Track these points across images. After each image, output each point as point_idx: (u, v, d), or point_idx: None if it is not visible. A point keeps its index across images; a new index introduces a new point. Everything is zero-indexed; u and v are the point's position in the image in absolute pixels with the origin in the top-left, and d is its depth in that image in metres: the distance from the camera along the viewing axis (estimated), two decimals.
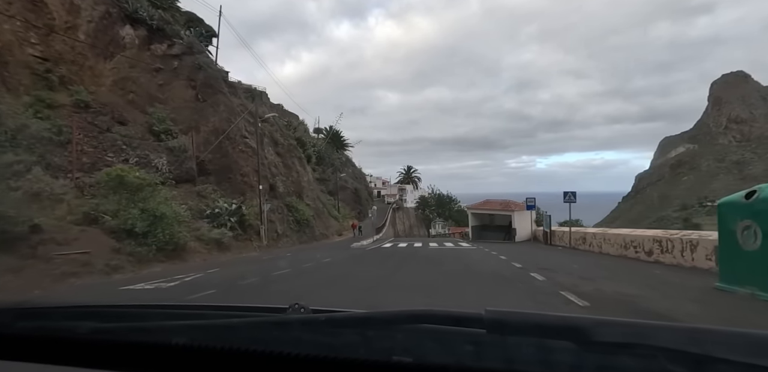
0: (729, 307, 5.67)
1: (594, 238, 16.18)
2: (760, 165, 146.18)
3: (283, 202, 26.01)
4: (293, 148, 32.01)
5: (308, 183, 33.07)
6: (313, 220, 30.29)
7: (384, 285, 8.32)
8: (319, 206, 34.19)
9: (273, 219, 23.22)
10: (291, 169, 30.15)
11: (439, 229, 58.40)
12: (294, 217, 26.35)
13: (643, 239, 12.51)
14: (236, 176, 21.82)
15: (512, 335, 0.68)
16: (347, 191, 48.66)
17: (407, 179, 76.84)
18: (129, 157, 18.67)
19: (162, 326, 0.89)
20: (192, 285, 8.87)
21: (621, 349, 0.63)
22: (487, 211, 27.42)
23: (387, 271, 11.02)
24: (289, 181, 29.19)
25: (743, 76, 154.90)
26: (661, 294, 6.73)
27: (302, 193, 30.22)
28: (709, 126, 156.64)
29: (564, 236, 19.75)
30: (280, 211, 25.06)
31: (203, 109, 23.42)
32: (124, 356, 0.84)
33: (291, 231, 25.29)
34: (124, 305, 1.20)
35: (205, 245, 16.06)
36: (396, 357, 0.70)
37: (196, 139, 22.33)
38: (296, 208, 26.83)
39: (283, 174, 28.54)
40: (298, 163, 31.59)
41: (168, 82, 23.95)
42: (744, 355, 0.58)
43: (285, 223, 24.70)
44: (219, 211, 18.41)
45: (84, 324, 0.89)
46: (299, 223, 26.60)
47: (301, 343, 0.76)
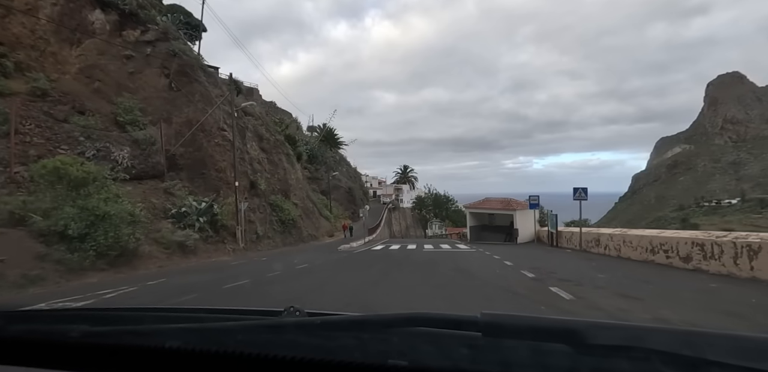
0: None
1: (611, 239, 13.94)
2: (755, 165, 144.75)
3: (266, 200, 23.72)
4: (280, 144, 29.74)
5: (297, 181, 30.80)
6: (301, 220, 27.99)
7: (357, 304, 6.08)
8: (308, 206, 31.90)
9: (253, 219, 20.93)
10: (277, 166, 27.86)
11: (435, 229, 56.07)
12: (278, 217, 24.05)
13: (676, 242, 10.26)
14: (211, 172, 19.52)
15: (508, 338, 0.67)
16: (341, 190, 46.39)
17: (404, 179, 74.52)
18: (86, 150, 16.38)
19: (156, 329, 0.86)
20: (105, 305, 6.60)
21: (616, 352, 0.62)
22: (486, 211, 25.20)
23: (367, 282, 8.75)
24: (274, 178, 26.90)
25: (739, 76, 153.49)
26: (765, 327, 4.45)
27: (289, 192, 27.93)
28: (705, 126, 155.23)
29: (573, 238, 17.50)
30: (263, 210, 22.76)
31: (176, 98, 21.13)
32: (117, 360, 0.81)
33: (274, 232, 22.99)
34: (117, 308, 1.28)
35: (164, 249, 13.75)
36: (391, 360, 0.68)
37: (168, 131, 20.04)
38: (281, 208, 24.53)
39: (268, 171, 26.25)
40: (285, 160, 29.31)
41: (139, 69, 21.65)
42: (737, 358, 0.58)
43: (267, 224, 22.40)
44: (186, 210, 16.10)
45: (76, 327, 0.86)
46: (284, 224, 24.30)
47: (296, 347, 0.74)
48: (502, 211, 23.68)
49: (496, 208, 23.97)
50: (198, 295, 7.22)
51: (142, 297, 7.57)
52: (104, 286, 8.88)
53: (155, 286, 8.95)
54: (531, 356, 0.65)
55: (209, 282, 9.26)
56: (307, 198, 32.44)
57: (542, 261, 12.44)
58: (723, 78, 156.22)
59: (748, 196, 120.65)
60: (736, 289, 6.88)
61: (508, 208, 23.14)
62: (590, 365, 0.62)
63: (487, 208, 24.79)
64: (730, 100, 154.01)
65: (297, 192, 29.67)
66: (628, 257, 12.61)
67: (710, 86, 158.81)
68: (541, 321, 0.70)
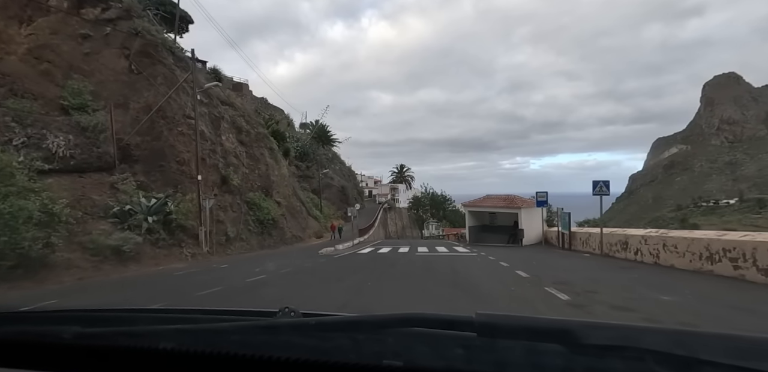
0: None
1: (643, 242, 11.11)
2: (752, 166, 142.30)
3: (241, 198, 20.84)
4: (263, 138, 26.88)
5: (282, 178, 27.94)
6: (284, 220, 25.11)
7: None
8: (294, 204, 29.03)
9: (223, 218, 18.06)
10: (258, 160, 24.99)
11: (432, 230, 53.16)
12: (256, 216, 21.18)
13: (752, 248, 7.44)
14: (171, 164, 16.64)
15: (503, 338, 0.66)
16: (333, 189, 43.53)
17: (400, 178, 71.61)
18: (14, 137, 13.53)
19: (150, 331, 0.84)
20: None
21: (609, 352, 0.61)
22: (487, 209, 22.39)
23: (331, 306, 5.90)
24: (254, 174, 24.03)
25: (735, 77, 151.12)
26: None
27: (271, 189, 25.05)
28: (702, 127, 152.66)
29: (591, 240, 14.68)
30: (237, 208, 19.89)
31: (137, 82, 18.27)
32: (110, 361, 0.80)
33: (250, 233, 20.11)
34: (110, 309, 1.16)
35: (91, 256, 10.86)
36: (386, 361, 0.67)
37: (124, 117, 17.18)
38: (259, 206, 21.65)
39: (247, 165, 23.37)
40: (268, 155, 26.44)
41: (96, 50, 18.79)
42: (729, 358, 0.57)
43: (241, 224, 19.52)
44: (132, 208, 13.23)
45: (69, 328, 0.84)
46: (262, 224, 21.42)
47: (291, 347, 0.73)
48: (505, 209, 20.83)
49: (499, 207, 21.12)
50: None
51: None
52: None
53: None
54: (525, 356, 0.64)
55: (109, 304, 6.39)
56: (293, 196, 29.57)
57: (565, 271, 9.61)
58: (719, 79, 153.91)
59: (746, 196, 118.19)
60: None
61: (512, 206, 20.31)
62: (584, 365, 0.62)
63: (487, 207, 21.97)
64: (726, 100, 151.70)
65: (281, 189, 26.81)
66: (671, 265, 9.77)
67: (707, 87, 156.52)
68: (535, 321, 0.70)
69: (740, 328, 4.30)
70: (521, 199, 21.09)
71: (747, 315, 4.97)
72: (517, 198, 21.11)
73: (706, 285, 7.34)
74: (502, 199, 21.39)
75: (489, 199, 22.11)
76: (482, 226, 23.39)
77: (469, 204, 22.90)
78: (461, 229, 36.43)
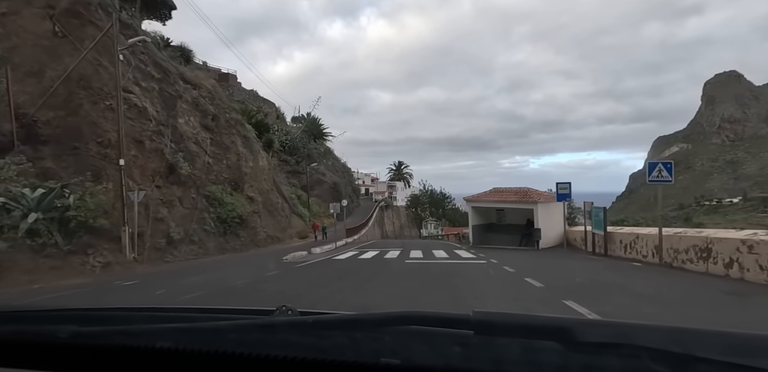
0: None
1: (747, 251, 7.04)
2: (753, 164, 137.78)
3: (198, 191, 16.84)
4: (236, 125, 22.85)
5: (258, 170, 23.91)
6: (257, 218, 21.09)
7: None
8: (274, 201, 25.00)
9: (165, 216, 14.05)
10: (228, 149, 20.98)
11: (431, 229, 49.04)
12: (216, 213, 17.17)
13: None
14: (90, 146, 12.58)
15: (500, 336, 0.65)
16: (324, 186, 39.49)
17: (398, 176, 67.45)
18: None
19: (146, 329, 0.82)
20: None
21: (606, 349, 0.60)
22: (494, 205, 18.25)
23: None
24: (221, 164, 20.03)
25: (736, 75, 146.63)
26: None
27: (242, 182, 21.03)
28: (703, 125, 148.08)
29: (640, 244, 10.63)
30: (189, 203, 15.89)
31: (59, 46, 14.29)
32: (107, 361, 0.77)
33: (206, 234, 16.09)
34: (106, 308, 1.13)
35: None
36: (384, 359, 0.66)
37: (37, 87, 13.21)
38: (222, 201, 17.65)
39: (211, 154, 19.37)
40: (241, 144, 22.42)
41: (14, 10, 14.81)
42: (724, 355, 0.57)
43: (194, 223, 15.51)
44: (6, 202, 9.22)
45: (65, 327, 0.82)
46: (225, 223, 17.41)
47: (288, 346, 0.71)
48: (517, 204, 16.75)
49: (509, 201, 17.02)
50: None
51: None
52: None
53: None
54: (522, 354, 0.63)
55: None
56: (272, 191, 25.54)
57: (654, 303, 5.51)
58: (720, 77, 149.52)
59: (750, 195, 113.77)
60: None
61: (526, 200, 16.23)
62: (581, 362, 0.61)
63: (495, 202, 17.89)
64: (727, 99, 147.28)
65: (256, 183, 22.77)
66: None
67: (707, 85, 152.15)
68: (532, 319, 0.69)
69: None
70: (537, 192, 17.01)
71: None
72: (532, 191, 17.02)
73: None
74: (514, 192, 17.29)
75: (497, 193, 18.00)
76: (488, 224, 19.31)
77: (472, 199, 18.80)
78: (463, 229, 32.34)
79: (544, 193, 16.81)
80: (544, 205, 15.97)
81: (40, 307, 1.04)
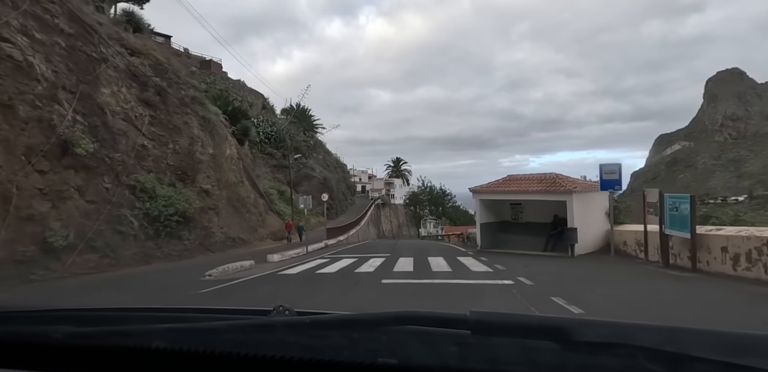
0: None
1: None
2: (756, 162, 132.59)
3: (118, 180, 12.32)
4: (193, 103, 18.33)
5: (222, 159, 19.36)
6: (213, 216, 16.58)
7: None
8: (243, 196, 20.47)
9: (39, 213, 9.50)
10: (177, 132, 16.46)
11: (430, 228, 44.36)
12: (144, 209, 12.65)
13: None
14: None
15: (497, 336, 0.64)
16: (313, 181, 34.96)
17: (396, 173, 62.78)
18: None
19: (142, 330, 0.80)
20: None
21: (602, 349, 0.59)
22: (511, 196, 13.55)
23: None
24: (165, 149, 15.53)
25: (738, 73, 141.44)
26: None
27: (195, 172, 16.51)
28: (705, 123, 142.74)
29: (766, 253, 6.01)
30: (97, 195, 11.36)
31: None
32: (102, 361, 0.75)
33: (123, 237, 11.55)
34: (102, 308, 1.09)
35: None
36: (381, 359, 0.64)
37: None
38: (154, 194, 13.13)
39: (149, 135, 14.87)
40: (198, 127, 17.89)
41: None
42: (719, 354, 0.56)
43: (103, 222, 10.98)
44: None
45: (60, 328, 0.80)
46: (158, 222, 12.88)
47: (285, 346, 0.69)
48: (542, 195, 12.09)
49: (531, 191, 12.32)
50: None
51: None
52: None
53: None
54: (519, 353, 0.62)
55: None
56: (242, 185, 20.99)
57: None
58: (722, 74, 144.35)
59: (755, 193, 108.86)
60: None
61: (556, 189, 11.56)
62: (577, 362, 0.60)
63: (511, 193, 13.23)
64: (729, 96, 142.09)
65: (218, 174, 18.24)
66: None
67: (709, 83, 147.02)
68: (529, 319, 0.67)
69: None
70: (569, 179, 12.36)
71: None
72: (562, 177, 12.36)
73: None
74: (537, 179, 12.62)
75: (513, 182, 13.31)
76: (501, 223, 14.68)
77: (480, 189, 14.12)
78: (467, 227, 27.66)
79: (578, 181, 12.23)
80: (581, 197, 11.37)
81: (35, 307, 0.99)
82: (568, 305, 4.80)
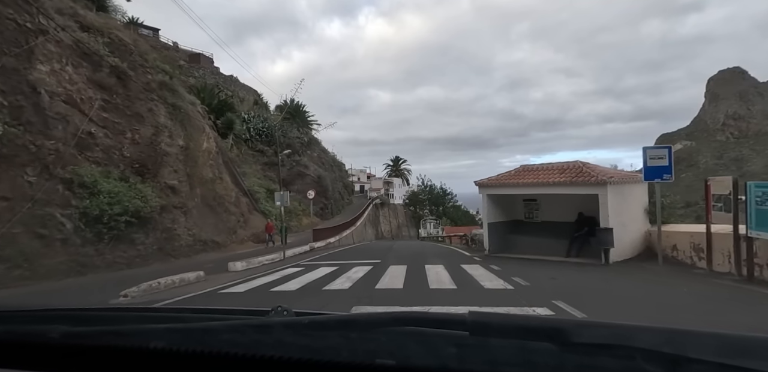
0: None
1: None
2: (759, 161, 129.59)
3: (48, 172, 9.97)
4: (161, 89, 15.97)
5: (196, 153, 17.00)
6: (180, 216, 14.22)
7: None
8: (220, 194, 18.10)
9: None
10: (139, 120, 14.13)
11: (431, 229, 41.85)
12: (82, 208, 10.28)
13: None
14: None
15: (495, 337, 0.63)
16: (306, 179, 32.56)
17: (395, 172, 60.28)
18: None
19: (139, 330, 0.78)
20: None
21: (600, 350, 0.59)
22: (526, 191, 11.06)
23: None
24: (124, 139, 13.23)
25: (740, 72, 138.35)
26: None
27: (159, 165, 14.16)
28: (706, 123, 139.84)
29: None
30: (11, 191, 9.00)
31: None
32: (98, 361, 0.73)
33: (44, 242, 9.18)
34: (98, 308, 1.07)
35: None
36: (379, 360, 0.63)
37: None
38: (95, 190, 10.77)
39: (100, 121, 12.55)
40: (165, 115, 15.53)
41: None
42: (717, 356, 0.56)
43: (14, 224, 8.61)
44: None
45: (56, 327, 0.77)
46: (101, 223, 10.51)
47: (283, 346, 0.67)
48: (566, 188, 9.57)
49: (552, 184, 9.79)
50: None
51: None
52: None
53: None
54: (517, 355, 0.61)
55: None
56: (220, 181, 18.61)
57: None
58: (724, 73, 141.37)
59: None
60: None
61: (584, 180, 9.04)
62: (575, 363, 0.59)
63: (527, 185, 10.71)
64: (731, 95, 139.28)
65: (190, 169, 15.88)
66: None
67: (711, 82, 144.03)
68: (527, 320, 0.66)
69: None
70: (598, 167, 9.91)
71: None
72: (590, 166, 9.86)
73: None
74: (558, 169, 10.14)
75: (529, 173, 10.80)
76: (512, 222, 12.24)
77: (489, 183, 11.59)
78: (471, 228, 25.21)
79: (610, 170, 9.80)
80: (617, 189, 8.95)
81: (30, 306, 0.97)
82: None
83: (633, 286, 6.64)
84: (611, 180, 8.71)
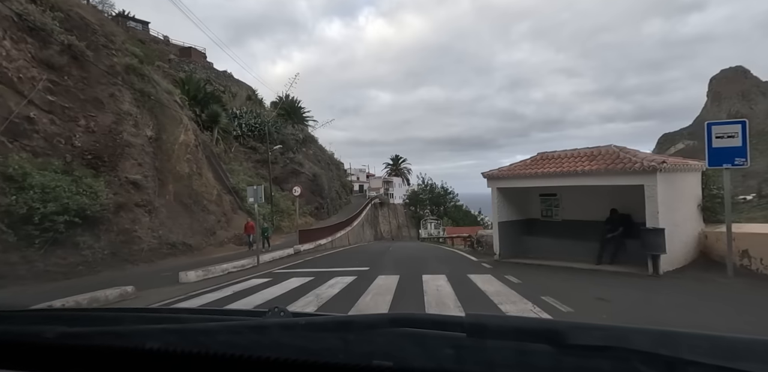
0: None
1: None
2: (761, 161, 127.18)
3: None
4: (127, 73, 14.03)
5: (170, 145, 15.04)
6: (144, 215, 12.25)
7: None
8: (197, 191, 16.14)
9: None
10: (97, 105, 12.20)
11: (431, 229, 39.86)
12: (6, 206, 8.31)
13: None
14: None
15: (492, 339, 0.62)
16: (301, 177, 30.59)
17: (395, 171, 58.27)
18: None
19: (135, 330, 0.77)
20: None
21: (596, 352, 0.58)
22: (545, 183, 8.47)
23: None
24: (78, 126, 11.30)
25: (743, 71, 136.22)
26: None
27: (119, 158, 12.21)
28: None
29: None
30: None
31: None
32: (95, 362, 0.72)
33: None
34: (94, 309, 1.07)
35: None
36: (376, 361, 0.62)
37: None
38: (27, 185, 8.80)
39: (46, 106, 10.63)
40: (130, 102, 13.58)
41: None
42: (712, 358, 0.55)
43: None
44: None
45: (52, 328, 0.76)
46: (31, 224, 8.54)
47: (280, 348, 0.66)
48: (599, 179, 7.55)
49: (581, 174, 7.76)
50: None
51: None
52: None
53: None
54: (514, 356, 0.60)
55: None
56: (199, 177, 16.64)
57: None
58: (726, 73, 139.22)
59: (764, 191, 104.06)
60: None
61: (624, 168, 7.04)
62: (571, 364, 0.58)
63: (548, 176, 8.67)
64: (734, 94, 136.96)
65: (154, 162, 13.91)
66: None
67: (713, 81, 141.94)
68: (524, 322, 0.66)
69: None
70: (639, 152, 7.90)
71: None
72: (628, 151, 7.81)
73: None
74: (587, 156, 8.04)
75: (550, 161, 8.68)
76: (527, 221, 10.23)
77: (500, 174, 9.49)
78: (475, 228, 23.16)
79: (656, 157, 7.78)
80: (668, 178, 6.94)
81: (26, 306, 0.95)
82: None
83: (733, 310, 4.60)
84: (663, 166, 6.69)
